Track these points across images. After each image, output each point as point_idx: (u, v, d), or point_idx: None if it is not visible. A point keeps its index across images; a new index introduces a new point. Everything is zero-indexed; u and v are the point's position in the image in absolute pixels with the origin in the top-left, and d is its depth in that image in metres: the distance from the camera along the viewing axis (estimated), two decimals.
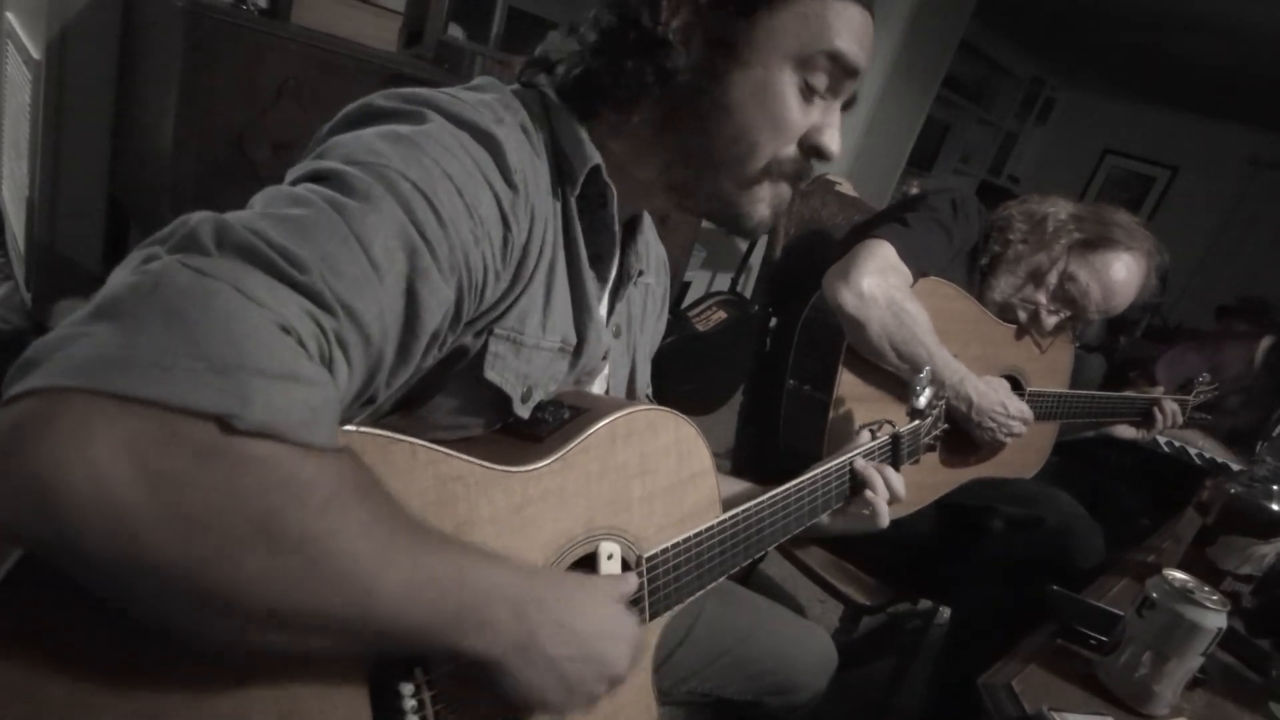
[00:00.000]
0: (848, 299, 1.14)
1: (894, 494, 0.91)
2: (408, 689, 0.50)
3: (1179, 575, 0.83)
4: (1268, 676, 0.95)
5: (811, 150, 0.65)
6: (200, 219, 0.41)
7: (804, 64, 0.61)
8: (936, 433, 1.10)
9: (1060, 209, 1.37)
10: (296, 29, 1.67)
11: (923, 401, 1.01)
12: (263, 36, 1.58)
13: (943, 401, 1.10)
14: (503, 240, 0.54)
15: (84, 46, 1.80)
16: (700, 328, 2.65)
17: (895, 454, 0.98)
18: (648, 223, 0.82)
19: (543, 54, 0.66)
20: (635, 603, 0.65)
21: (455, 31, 2.45)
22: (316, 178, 0.47)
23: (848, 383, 1.21)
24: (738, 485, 0.92)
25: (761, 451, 1.37)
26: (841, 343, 1.19)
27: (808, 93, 0.62)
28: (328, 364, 0.42)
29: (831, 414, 1.19)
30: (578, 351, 0.66)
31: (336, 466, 0.39)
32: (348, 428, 0.46)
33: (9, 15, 2.06)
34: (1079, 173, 6.12)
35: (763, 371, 1.48)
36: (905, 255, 1.19)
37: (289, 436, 0.36)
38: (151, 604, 0.35)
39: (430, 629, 0.43)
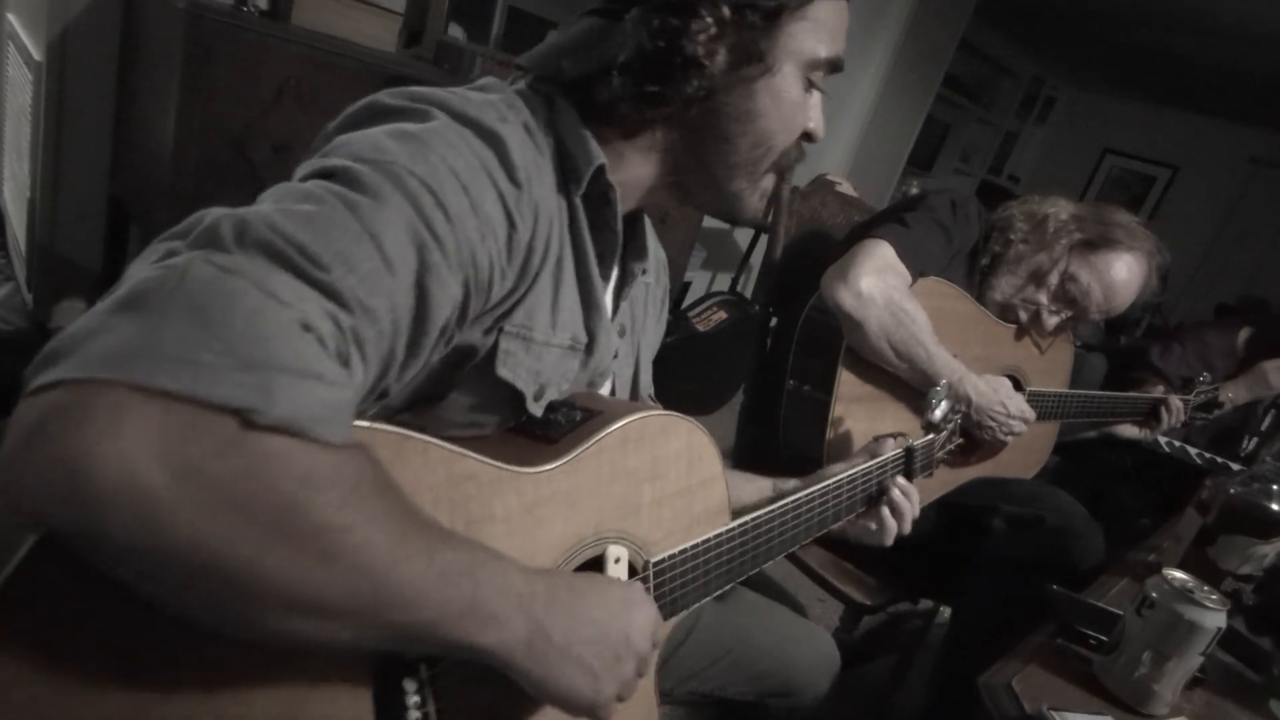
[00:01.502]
0: (846, 299, 1.14)
1: (912, 509, 0.93)
2: (411, 685, 0.50)
3: (1179, 575, 0.83)
4: (1268, 676, 0.95)
5: (804, 136, 0.70)
6: (219, 215, 0.41)
7: (811, 66, 0.66)
8: (951, 446, 1.10)
9: (1061, 209, 1.37)
10: (297, 30, 1.67)
11: (938, 415, 1.01)
12: (263, 37, 1.58)
13: (959, 415, 1.09)
14: (507, 238, 0.55)
15: (85, 48, 1.80)
16: (701, 328, 2.65)
17: (908, 467, 0.99)
18: (647, 223, 0.83)
19: (554, 70, 0.65)
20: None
21: (455, 32, 2.44)
22: (326, 175, 0.47)
23: (847, 383, 1.21)
24: (749, 481, 0.92)
25: (763, 451, 1.37)
26: (841, 343, 1.19)
27: (808, 86, 0.68)
28: (345, 362, 0.43)
29: (831, 414, 1.19)
30: (589, 350, 0.67)
31: (354, 463, 0.40)
32: (361, 423, 0.47)
33: (10, 17, 2.06)
34: (1079, 172, 6.12)
35: (764, 371, 1.48)
36: (904, 255, 1.19)
37: (309, 433, 0.37)
38: (174, 591, 0.36)
39: (442, 622, 0.43)
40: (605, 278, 0.69)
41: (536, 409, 0.62)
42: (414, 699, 0.50)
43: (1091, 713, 0.80)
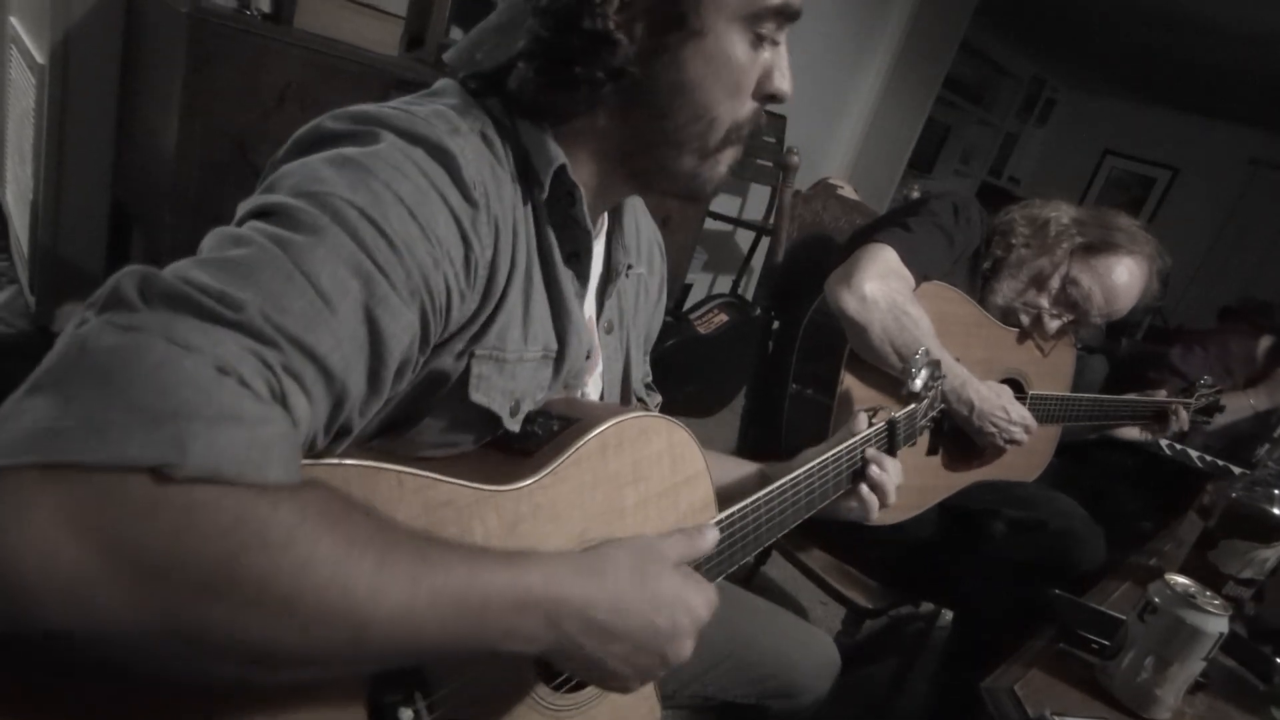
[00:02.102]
0: (850, 303, 1.14)
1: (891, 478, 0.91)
2: (407, 714, 0.50)
3: (1181, 580, 0.84)
4: (1269, 681, 0.95)
5: (766, 98, 0.63)
6: (124, 274, 0.39)
7: (753, 20, 0.58)
8: (934, 414, 1.08)
9: (1062, 213, 1.38)
10: (299, 33, 1.68)
11: (919, 384, 0.99)
12: (265, 41, 1.58)
13: (939, 382, 1.07)
14: (464, 259, 0.52)
15: (87, 51, 1.80)
16: (702, 330, 2.65)
17: (891, 440, 0.97)
18: (637, 206, 0.80)
19: (470, 63, 0.61)
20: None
21: (456, 35, 2.45)
22: (261, 214, 0.46)
23: (850, 386, 1.21)
24: (737, 466, 0.92)
25: (766, 454, 1.37)
26: (844, 347, 1.19)
27: (756, 43, 0.60)
28: (280, 399, 0.40)
29: (834, 418, 1.19)
30: (560, 357, 0.65)
31: (297, 500, 0.38)
32: (329, 461, 0.46)
33: (13, 20, 2.06)
34: (1079, 174, 6.13)
35: (766, 374, 1.48)
36: (907, 259, 1.19)
37: (236, 478, 0.35)
38: (132, 660, 0.35)
39: (446, 644, 0.42)
40: (583, 278, 0.66)
41: (514, 425, 0.61)
42: None
43: (1094, 717, 0.80)
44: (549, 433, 0.62)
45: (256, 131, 1.61)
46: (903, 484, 0.93)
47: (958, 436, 1.29)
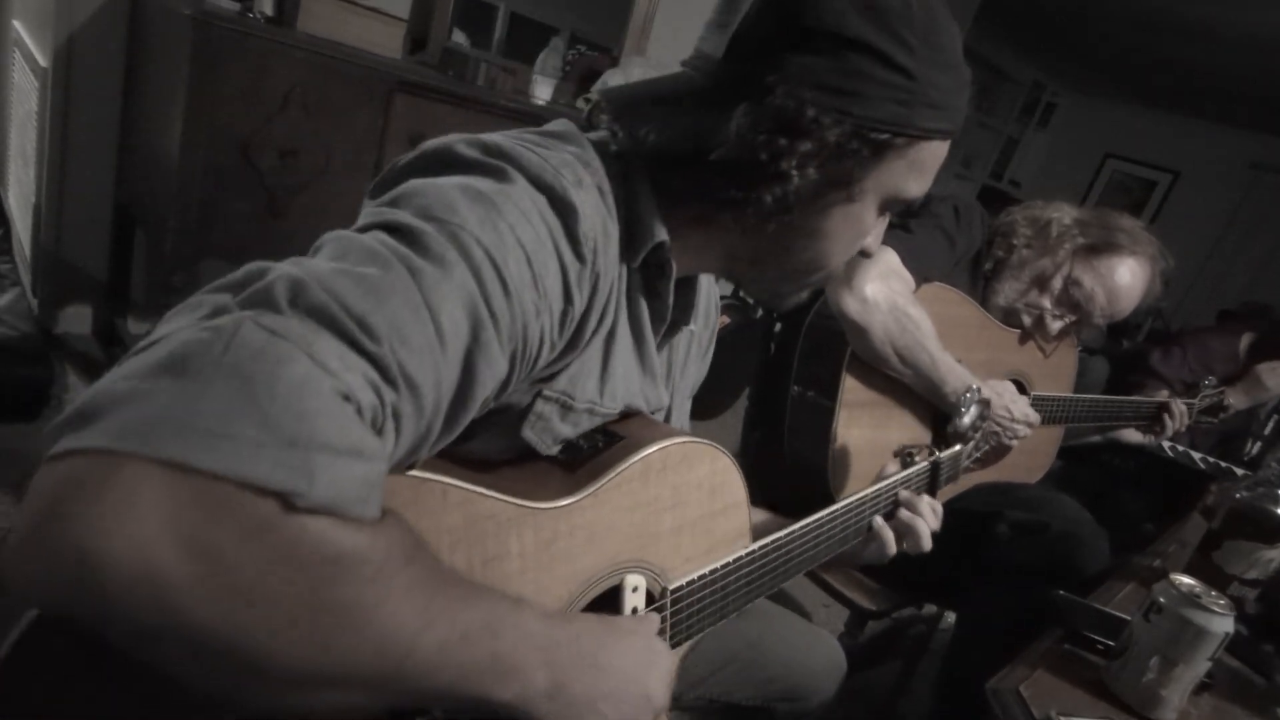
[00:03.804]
0: (850, 304, 1.14)
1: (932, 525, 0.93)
2: None
3: (1185, 580, 0.83)
4: (1274, 681, 0.95)
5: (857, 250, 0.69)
6: (278, 273, 0.40)
7: (892, 201, 0.65)
8: (978, 455, 1.07)
9: (1064, 214, 1.38)
10: (302, 36, 1.68)
11: (967, 422, 0.98)
12: (269, 44, 1.59)
13: (986, 423, 1.05)
14: (562, 313, 0.54)
15: (91, 54, 1.81)
16: None
17: (933, 482, 0.97)
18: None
19: (633, 129, 0.61)
20: (659, 634, 0.64)
21: (458, 38, 2.46)
22: (391, 229, 0.46)
23: (852, 389, 1.21)
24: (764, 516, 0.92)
25: (768, 457, 1.37)
26: (845, 349, 1.19)
27: (879, 213, 0.66)
28: (378, 433, 0.41)
29: (836, 420, 1.19)
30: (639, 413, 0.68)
31: (386, 535, 0.39)
32: None
33: (16, 23, 2.07)
34: (1080, 177, 6.13)
35: (768, 377, 1.48)
36: (908, 261, 1.19)
37: (346, 512, 0.36)
38: (186, 667, 0.35)
39: (460, 682, 0.43)
40: (654, 338, 0.69)
41: (553, 450, 0.63)
42: None
43: (1099, 718, 0.80)
44: (594, 448, 0.63)
45: (260, 134, 1.62)
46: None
47: None
